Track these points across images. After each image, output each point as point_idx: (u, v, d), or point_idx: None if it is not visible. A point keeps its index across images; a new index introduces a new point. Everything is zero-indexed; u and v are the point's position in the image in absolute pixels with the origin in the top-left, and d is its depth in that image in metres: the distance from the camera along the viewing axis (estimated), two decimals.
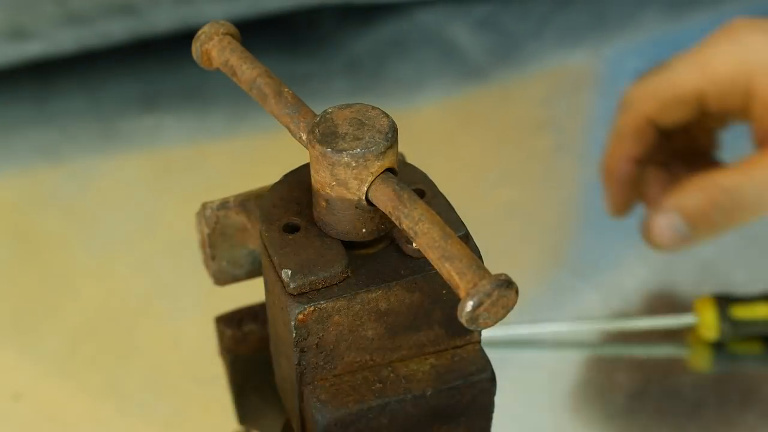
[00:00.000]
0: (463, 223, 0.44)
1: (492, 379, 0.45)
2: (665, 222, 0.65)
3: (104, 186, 0.86)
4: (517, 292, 0.38)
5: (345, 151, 0.41)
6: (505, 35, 0.97)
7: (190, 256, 0.77)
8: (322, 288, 0.42)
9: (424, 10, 0.98)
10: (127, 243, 0.80)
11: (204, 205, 0.48)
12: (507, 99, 0.93)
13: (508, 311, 0.38)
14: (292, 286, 0.42)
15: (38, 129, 0.90)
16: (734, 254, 0.79)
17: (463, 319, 0.38)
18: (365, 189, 0.42)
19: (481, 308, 0.37)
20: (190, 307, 0.75)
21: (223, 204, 0.49)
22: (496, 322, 0.38)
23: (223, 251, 0.49)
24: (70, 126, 0.90)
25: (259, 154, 0.86)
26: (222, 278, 0.50)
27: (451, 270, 0.38)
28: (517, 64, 0.96)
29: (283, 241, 0.44)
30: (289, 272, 0.42)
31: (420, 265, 0.43)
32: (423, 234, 0.40)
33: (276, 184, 0.46)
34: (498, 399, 0.46)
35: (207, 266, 0.50)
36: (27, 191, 0.86)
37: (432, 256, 0.39)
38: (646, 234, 0.66)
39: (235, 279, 0.50)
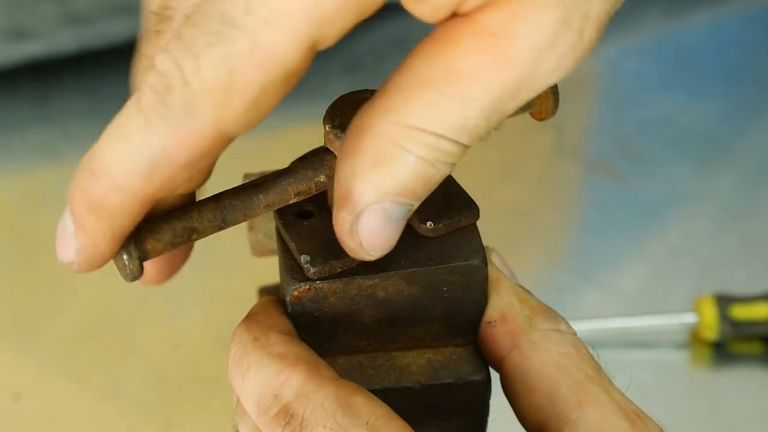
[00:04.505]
0: (474, 202, 0.44)
1: (486, 383, 0.45)
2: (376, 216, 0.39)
3: None
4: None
5: None
6: None
7: (189, 255, 0.78)
8: (340, 272, 0.42)
9: None
10: None
11: (245, 176, 0.48)
12: None
13: None
14: (312, 271, 0.42)
15: (38, 129, 0.90)
16: (734, 254, 0.79)
17: None
18: None
19: None
20: (190, 307, 0.75)
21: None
22: None
23: (260, 223, 0.49)
24: (70, 126, 0.90)
25: (259, 152, 0.86)
26: (258, 249, 0.50)
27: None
28: None
29: (299, 227, 0.44)
30: (309, 257, 0.42)
31: (421, 258, 0.43)
32: None
33: None
34: (498, 399, 0.46)
35: (248, 237, 0.50)
36: (27, 191, 0.86)
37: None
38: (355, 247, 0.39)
39: (272, 252, 0.50)
